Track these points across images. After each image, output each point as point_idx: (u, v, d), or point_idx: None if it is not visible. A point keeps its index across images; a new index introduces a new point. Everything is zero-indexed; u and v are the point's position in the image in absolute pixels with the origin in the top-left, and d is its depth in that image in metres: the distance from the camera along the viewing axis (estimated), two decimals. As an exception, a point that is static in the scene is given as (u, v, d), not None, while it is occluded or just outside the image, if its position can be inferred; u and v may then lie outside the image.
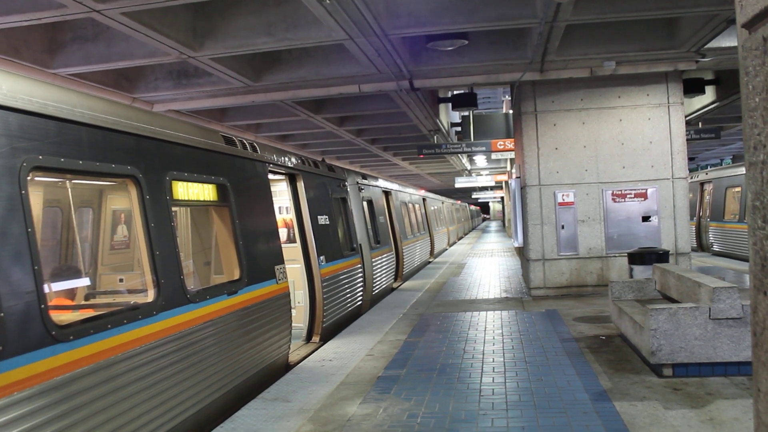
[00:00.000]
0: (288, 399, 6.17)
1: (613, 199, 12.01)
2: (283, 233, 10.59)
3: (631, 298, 8.34)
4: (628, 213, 11.99)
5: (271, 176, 8.23)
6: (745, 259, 16.83)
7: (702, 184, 21.50)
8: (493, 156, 24.22)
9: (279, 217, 9.56)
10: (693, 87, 13.86)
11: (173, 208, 5.67)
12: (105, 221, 7.63)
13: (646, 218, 11.95)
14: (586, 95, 12.13)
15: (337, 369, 7.26)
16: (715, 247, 19.55)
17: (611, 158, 12.05)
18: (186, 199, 6.08)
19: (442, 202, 33.65)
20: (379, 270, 13.64)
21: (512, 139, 16.72)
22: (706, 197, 21.08)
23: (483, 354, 7.65)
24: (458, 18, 9.20)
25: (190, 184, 6.05)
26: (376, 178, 16.36)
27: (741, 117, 2.07)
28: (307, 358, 7.99)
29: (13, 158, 3.83)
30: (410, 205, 20.79)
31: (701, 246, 21.04)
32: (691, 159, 32.73)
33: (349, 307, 10.78)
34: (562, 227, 12.13)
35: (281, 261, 7.78)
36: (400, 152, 27.27)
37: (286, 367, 7.74)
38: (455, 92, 16.70)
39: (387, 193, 16.87)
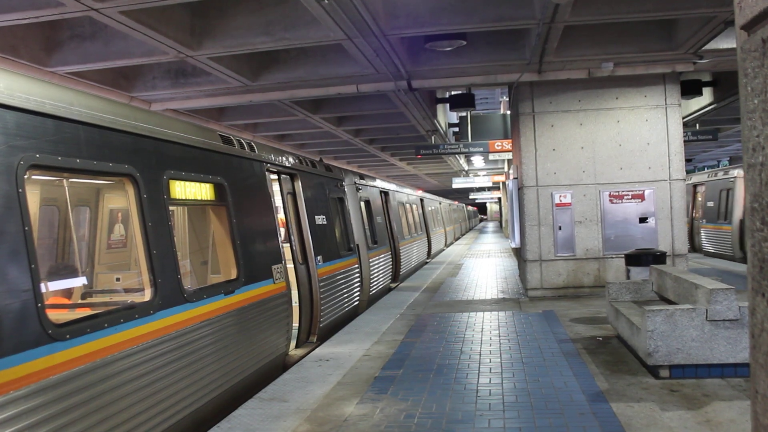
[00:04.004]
0: (285, 399, 6.17)
1: (610, 201, 12.03)
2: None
3: (628, 299, 8.35)
4: (626, 214, 12.00)
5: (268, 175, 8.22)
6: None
7: (695, 186, 21.63)
8: (491, 157, 24.28)
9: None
10: (690, 89, 13.88)
11: (170, 208, 5.66)
12: (102, 220, 7.62)
13: (643, 219, 11.96)
14: (583, 96, 12.15)
15: (334, 369, 7.26)
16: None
17: (609, 159, 12.06)
18: (183, 198, 6.07)
19: (440, 203, 33.66)
20: (376, 270, 13.64)
21: (510, 140, 16.73)
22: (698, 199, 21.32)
23: (480, 355, 7.66)
24: (456, 18, 9.21)
25: (187, 183, 6.04)
26: (373, 179, 16.37)
27: (738, 119, 2.08)
28: (304, 357, 7.98)
29: (10, 156, 3.82)
30: (408, 206, 20.80)
31: (693, 247, 20.91)
32: (688, 160, 32.81)
33: (346, 307, 10.78)
34: (560, 228, 12.14)
35: (279, 260, 7.77)
36: (398, 153, 27.28)
37: (283, 367, 7.73)
38: (453, 93, 16.72)
39: (384, 194, 16.87)
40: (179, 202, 6.25)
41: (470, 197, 62.14)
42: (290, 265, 9.36)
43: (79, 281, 6.62)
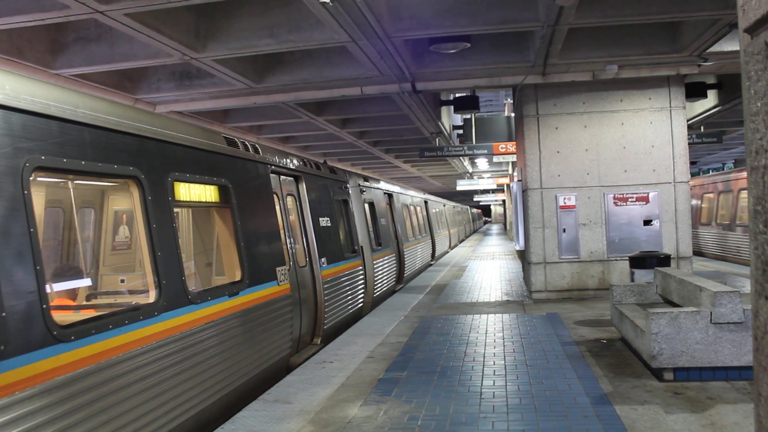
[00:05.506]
0: (289, 400, 6.17)
1: (614, 203, 12.01)
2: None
3: (633, 301, 8.33)
4: (630, 217, 11.98)
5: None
6: None
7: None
8: (495, 159, 24.24)
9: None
10: (695, 91, 13.87)
11: (175, 209, 5.68)
12: (107, 222, 7.64)
13: (647, 222, 11.94)
14: (588, 99, 12.14)
15: (337, 371, 7.26)
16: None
17: (613, 162, 12.05)
18: (188, 200, 6.08)
19: (444, 205, 33.64)
20: (380, 272, 13.64)
21: (514, 142, 16.72)
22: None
23: (484, 357, 7.65)
24: (461, 21, 9.21)
25: (191, 185, 6.05)
26: (377, 181, 16.37)
27: (743, 121, 2.08)
28: (308, 359, 7.98)
29: (15, 158, 3.84)
30: (412, 208, 20.79)
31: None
32: (692, 163, 32.72)
33: (350, 309, 10.78)
34: (564, 230, 12.13)
35: (283, 262, 7.78)
36: (402, 155, 27.27)
37: (287, 369, 7.73)
38: (457, 95, 16.73)
39: (389, 196, 16.87)
40: (184, 204, 6.26)
41: (474, 199, 62.06)
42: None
43: (84, 283, 6.64)
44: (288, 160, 8.89)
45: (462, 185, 34.77)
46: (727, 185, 18.62)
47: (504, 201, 53.28)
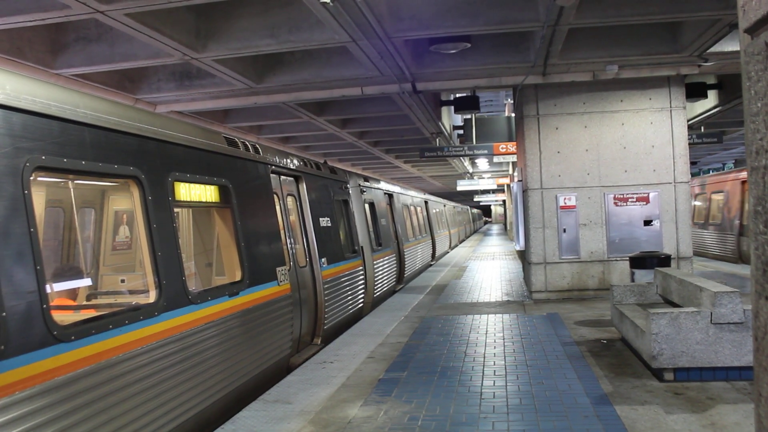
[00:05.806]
0: (289, 401, 6.17)
1: (614, 203, 12.00)
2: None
3: (633, 302, 8.33)
4: (630, 217, 11.98)
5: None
6: None
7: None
8: (495, 159, 24.23)
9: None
10: (695, 91, 13.86)
11: (175, 209, 5.68)
12: (107, 222, 7.64)
13: (647, 222, 11.93)
14: (588, 99, 12.13)
15: (338, 371, 7.26)
16: None
17: (613, 162, 12.05)
18: (188, 200, 6.08)
19: (444, 205, 33.63)
20: (380, 272, 13.64)
21: (514, 143, 16.72)
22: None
23: (484, 357, 7.65)
24: (461, 21, 9.21)
25: (192, 185, 6.05)
26: (378, 181, 16.37)
27: (743, 121, 2.08)
28: (308, 360, 7.98)
29: (16, 158, 3.84)
30: (412, 208, 20.78)
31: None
32: (693, 163, 32.70)
33: (351, 309, 10.78)
34: (564, 231, 12.13)
35: (283, 262, 7.78)
36: (403, 155, 27.27)
37: (287, 369, 7.73)
38: (458, 95, 16.72)
39: (389, 196, 16.87)
40: (184, 204, 6.26)
41: (475, 200, 62.04)
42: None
43: (84, 283, 6.64)
44: (288, 160, 8.90)
45: (462, 185, 34.75)
46: (702, 188, 20.74)
47: (504, 201, 53.27)
